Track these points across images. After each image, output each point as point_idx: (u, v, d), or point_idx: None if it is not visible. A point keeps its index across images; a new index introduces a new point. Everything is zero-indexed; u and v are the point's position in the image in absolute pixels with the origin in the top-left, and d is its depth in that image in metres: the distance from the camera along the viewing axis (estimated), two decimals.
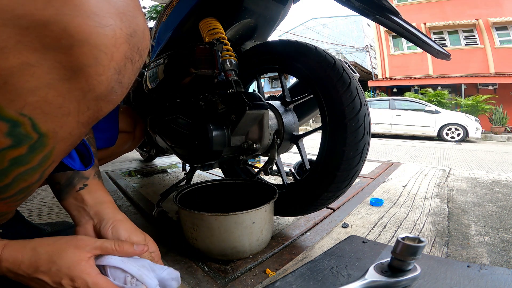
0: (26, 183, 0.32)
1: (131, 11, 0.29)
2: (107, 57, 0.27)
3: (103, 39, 0.26)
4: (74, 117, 0.30)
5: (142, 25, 0.30)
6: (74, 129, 0.31)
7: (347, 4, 0.70)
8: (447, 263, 0.58)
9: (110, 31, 0.27)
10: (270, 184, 0.78)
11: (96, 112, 0.31)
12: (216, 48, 0.72)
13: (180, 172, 1.70)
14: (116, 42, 0.27)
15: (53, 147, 0.30)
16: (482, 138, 6.81)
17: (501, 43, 9.61)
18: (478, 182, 1.53)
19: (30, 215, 0.92)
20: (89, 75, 0.27)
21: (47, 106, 0.27)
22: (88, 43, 0.25)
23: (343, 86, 0.63)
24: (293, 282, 0.51)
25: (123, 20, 0.28)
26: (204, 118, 0.69)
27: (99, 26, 0.26)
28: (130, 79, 0.32)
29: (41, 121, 0.28)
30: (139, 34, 0.30)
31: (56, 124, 0.29)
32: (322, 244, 0.75)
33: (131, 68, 0.31)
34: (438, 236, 0.81)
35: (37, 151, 0.29)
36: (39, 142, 0.29)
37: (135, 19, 0.29)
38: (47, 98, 0.27)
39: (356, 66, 12.19)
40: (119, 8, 0.27)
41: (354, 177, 0.66)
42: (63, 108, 0.28)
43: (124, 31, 0.28)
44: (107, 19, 0.26)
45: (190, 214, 0.64)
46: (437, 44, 0.68)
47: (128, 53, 0.29)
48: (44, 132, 0.28)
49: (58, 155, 0.32)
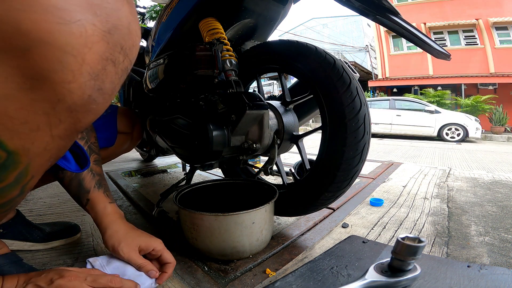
0: (5, 199, 0.29)
1: (110, 2, 0.24)
2: (76, 60, 0.23)
3: (70, 38, 0.22)
4: (46, 132, 0.26)
5: (126, 18, 0.25)
6: (49, 143, 0.27)
7: (347, 4, 0.70)
8: (447, 263, 0.58)
9: (78, 28, 0.22)
10: (270, 184, 0.78)
11: (72, 125, 0.27)
12: (216, 48, 0.72)
13: (180, 172, 1.70)
14: (87, 41, 0.23)
15: (27, 163, 0.27)
16: (482, 138, 6.81)
17: (501, 43, 9.60)
18: (478, 182, 1.53)
19: (30, 215, 0.92)
20: (55, 83, 0.23)
21: (9, 122, 0.23)
22: (47, 43, 0.21)
23: (343, 86, 0.63)
24: (293, 282, 0.51)
25: (98, 13, 0.23)
26: (204, 118, 0.69)
27: (62, 23, 0.21)
28: (114, 83, 0.27)
29: (7, 138, 0.24)
30: (121, 30, 0.25)
31: (25, 141, 0.25)
32: (322, 244, 0.75)
33: (113, 71, 0.26)
34: (438, 236, 0.81)
35: (10, 169, 0.26)
36: (9, 160, 0.25)
37: (116, 12, 0.24)
38: (8, 112, 0.23)
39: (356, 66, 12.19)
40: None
41: (354, 177, 0.66)
42: (30, 123, 0.24)
43: (98, 27, 0.23)
44: (74, 14, 0.22)
45: (190, 214, 0.64)
46: (437, 44, 0.68)
47: (106, 53, 0.24)
48: (13, 150, 0.25)
49: (37, 170, 0.29)
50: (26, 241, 0.67)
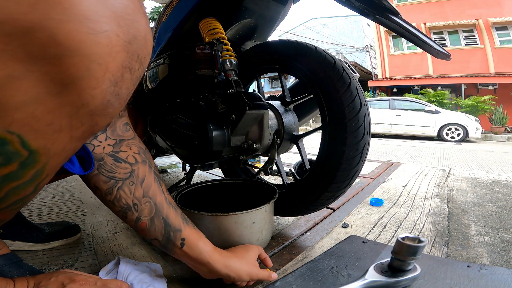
0: (20, 196, 0.31)
1: (131, 14, 0.26)
2: (101, 68, 0.24)
3: (97, 48, 0.23)
4: (67, 133, 0.27)
5: (144, 29, 0.27)
6: (67, 144, 0.29)
7: (347, 4, 0.70)
8: (447, 263, 0.58)
9: (105, 39, 0.24)
10: (270, 184, 0.78)
11: (91, 127, 0.29)
12: (216, 48, 0.72)
13: (180, 172, 1.70)
14: (111, 51, 0.24)
15: (45, 162, 0.29)
16: (482, 138, 6.81)
17: (501, 43, 9.61)
18: (478, 182, 1.53)
19: (30, 215, 0.92)
20: (81, 89, 0.24)
21: (36, 123, 0.25)
22: (79, 52, 0.22)
23: (343, 86, 0.63)
24: (293, 282, 0.51)
25: (121, 25, 0.25)
26: (204, 118, 0.69)
27: (92, 33, 0.23)
28: (129, 89, 0.29)
29: (31, 138, 0.25)
30: (139, 40, 0.27)
31: (47, 141, 0.27)
32: (322, 244, 0.75)
33: (129, 78, 0.28)
34: (438, 236, 0.81)
35: (29, 167, 0.28)
36: (30, 159, 0.27)
37: (135, 24, 0.26)
38: (36, 114, 0.24)
39: (356, 66, 12.19)
40: (117, 11, 0.24)
41: (354, 177, 0.66)
42: (54, 125, 0.26)
43: (121, 38, 0.25)
44: (102, 25, 0.23)
45: (190, 214, 0.64)
46: (437, 44, 0.68)
47: (126, 62, 0.26)
48: (35, 149, 0.26)
49: (52, 169, 0.31)
50: (26, 241, 0.67)
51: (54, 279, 0.43)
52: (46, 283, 0.42)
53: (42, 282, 0.42)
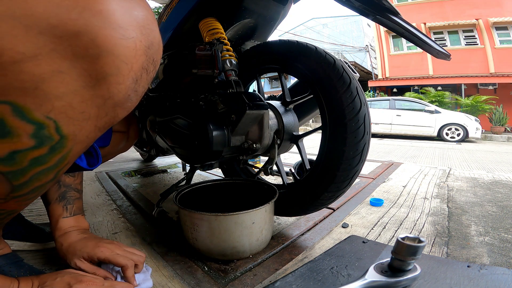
0: (41, 182, 0.33)
1: (150, 24, 0.30)
2: (127, 67, 0.29)
3: (126, 51, 0.28)
4: (93, 122, 0.31)
5: (158, 37, 0.32)
6: (91, 132, 0.32)
7: (347, 4, 0.70)
8: (447, 263, 0.58)
9: (132, 43, 0.28)
10: (270, 184, 0.78)
11: (112, 118, 0.33)
12: (216, 48, 0.71)
13: (180, 172, 1.70)
14: (136, 54, 0.29)
15: (70, 148, 0.32)
16: (482, 138, 6.81)
17: (501, 43, 9.60)
18: (478, 182, 1.53)
19: (30, 215, 0.92)
20: (110, 84, 0.29)
21: (71, 111, 0.29)
22: (112, 53, 0.27)
23: (343, 86, 0.63)
24: (293, 282, 0.51)
25: (143, 32, 0.29)
26: (204, 118, 0.69)
27: (123, 38, 0.27)
28: (144, 88, 0.34)
29: (64, 124, 0.29)
30: (155, 46, 0.32)
31: (76, 128, 0.30)
32: (322, 244, 0.75)
33: (146, 78, 0.32)
34: (438, 236, 0.81)
35: (56, 152, 0.31)
36: (59, 143, 0.30)
37: (153, 32, 0.31)
38: (72, 103, 0.28)
39: (356, 66, 12.20)
40: (140, 21, 0.29)
41: (354, 177, 0.66)
42: (85, 113, 0.30)
43: (143, 43, 0.30)
44: (130, 32, 0.28)
45: (190, 214, 0.64)
46: (437, 44, 0.68)
47: (145, 64, 0.31)
48: (65, 134, 0.30)
49: (73, 156, 0.34)
50: (26, 241, 0.67)
51: (59, 279, 0.43)
52: (52, 283, 0.42)
53: (47, 282, 0.43)
